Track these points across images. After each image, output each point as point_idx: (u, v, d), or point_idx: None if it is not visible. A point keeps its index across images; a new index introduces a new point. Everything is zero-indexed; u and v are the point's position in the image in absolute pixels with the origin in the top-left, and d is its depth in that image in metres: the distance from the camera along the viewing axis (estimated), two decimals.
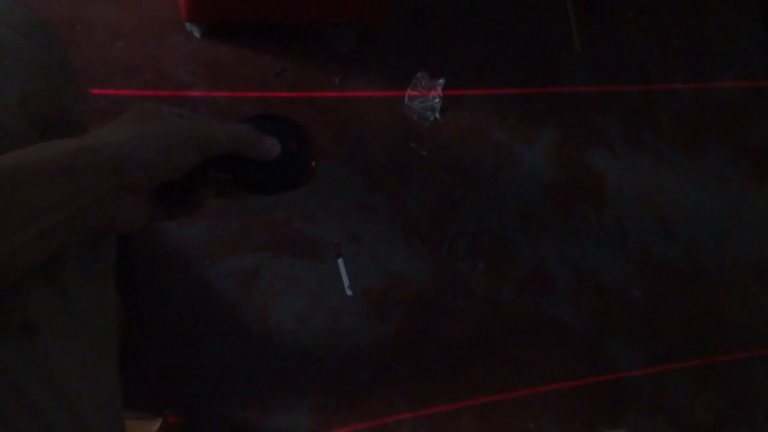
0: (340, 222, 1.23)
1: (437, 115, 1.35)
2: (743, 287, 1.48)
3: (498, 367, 1.25)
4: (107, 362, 0.51)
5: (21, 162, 0.39)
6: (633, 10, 1.60)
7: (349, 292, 1.20)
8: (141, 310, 1.07)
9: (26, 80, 0.49)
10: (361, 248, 1.23)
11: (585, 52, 1.51)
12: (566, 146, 1.43)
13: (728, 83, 1.65)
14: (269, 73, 1.26)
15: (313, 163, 0.57)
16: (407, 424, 1.16)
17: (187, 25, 1.22)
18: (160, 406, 0.96)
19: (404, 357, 1.20)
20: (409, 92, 1.34)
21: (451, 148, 1.35)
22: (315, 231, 1.21)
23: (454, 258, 1.29)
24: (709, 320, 1.43)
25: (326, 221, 1.22)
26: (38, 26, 0.54)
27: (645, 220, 1.45)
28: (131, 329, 1.03)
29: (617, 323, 1.36)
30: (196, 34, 1.23)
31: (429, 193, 1.31)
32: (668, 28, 1.64)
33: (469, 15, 1.46)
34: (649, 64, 1.58)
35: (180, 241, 1.12)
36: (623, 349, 1.34)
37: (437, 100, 1.34)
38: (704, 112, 1.60)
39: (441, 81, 1.35)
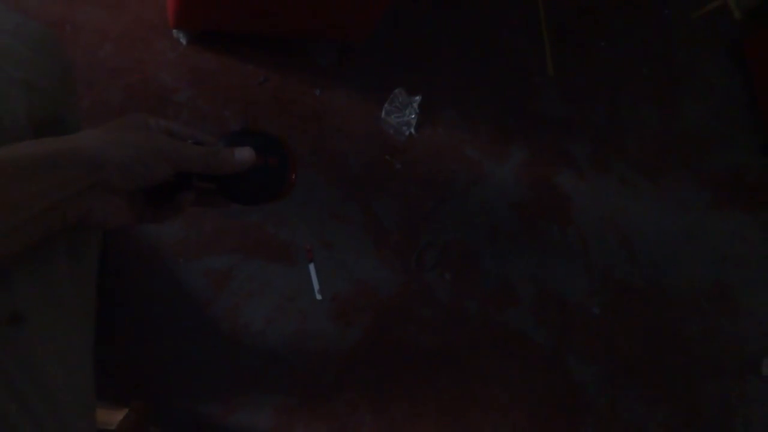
0: (313, 228, 1.27)
1: (413, 130, 1.40)
2: (698, 309, 1.54)
3: (459, 375, 1.30)
4: (85, 353, 0.55)
5: (9, 157, 0.43)
6: (605, 38, 1.68)
7: (318, 297, 1.24)
8: (113, 303, 1.10)
9: (34, 92, 0.53)
10: (332, 255, 1.27)
11: (557, 76, 1.57)
12: (535, 166, 1.49)
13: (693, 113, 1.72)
14: (252, 81, 1.30)
15: (293, 176, 0.61)
16: (368, 427, 1.20)
17: (174, 32, 1.26)
18: (127, 398, 0.99)
19: (369, 362, 1.24)
20: (386, 107, 1.39)
21: (425, 163, 1.40)
22: (288, 236, 1.25)
23: (422, 268, 1.33)
24: (665, 339, 1.49)
25: (300, 227, 1.26)
26: (47, 41, 0.58)
27: (608, 240, 1.51)
28: (102, 321, 1.06)
29: (576, 338, 1.41)
30: (183, 40, 1.27)
31: (401, 204, 1.36)
32: (638, 57, 1.71)
33: (448, 36, 1.52)
34: (618, 90, 1.65)
35: (156, 238, 1.15)
36: (581, 363, 1.40)
37: (413, 116, 1.40)
38: (669, 139, 1.67)
39: (417, 98, 1.40)
